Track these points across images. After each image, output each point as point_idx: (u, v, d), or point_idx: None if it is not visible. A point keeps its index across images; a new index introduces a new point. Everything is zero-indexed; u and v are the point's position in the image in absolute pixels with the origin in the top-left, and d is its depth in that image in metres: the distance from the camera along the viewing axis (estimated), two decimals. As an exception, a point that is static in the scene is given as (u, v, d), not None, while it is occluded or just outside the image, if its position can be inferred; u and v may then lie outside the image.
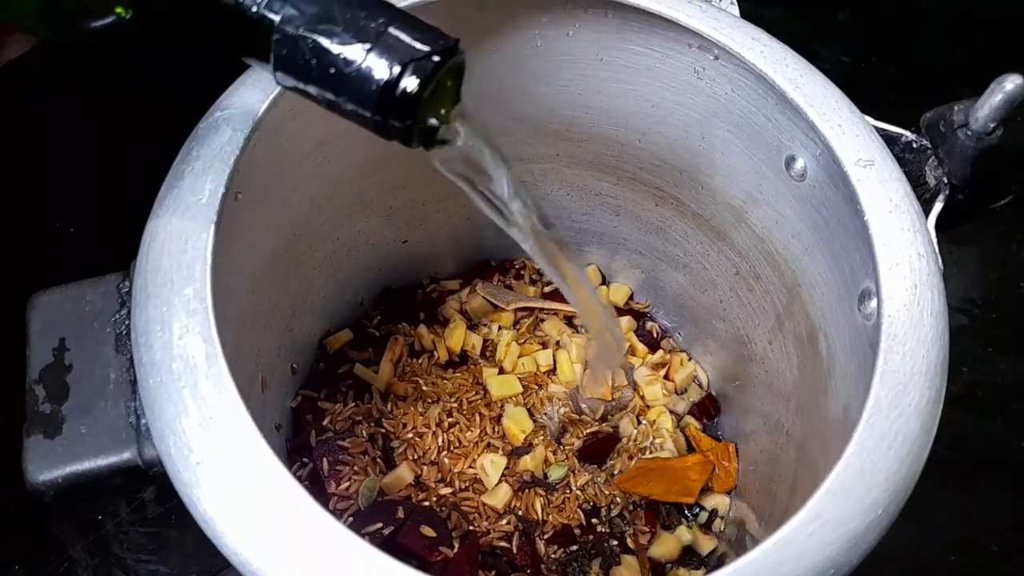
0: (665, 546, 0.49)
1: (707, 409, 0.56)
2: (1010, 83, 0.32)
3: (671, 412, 0.55)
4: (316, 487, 0.49)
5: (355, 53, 0.26)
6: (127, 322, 0.31)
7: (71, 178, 0.68)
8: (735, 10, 0.71)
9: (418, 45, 0.27)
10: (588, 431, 0.53)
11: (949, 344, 0.31)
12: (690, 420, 0.55)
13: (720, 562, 0.50)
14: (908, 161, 0.37)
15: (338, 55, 0.27)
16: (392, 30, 0.27)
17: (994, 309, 0.69)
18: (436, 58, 0.27)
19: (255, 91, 0.36)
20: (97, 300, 0.33)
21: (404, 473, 0.49)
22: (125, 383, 0.31)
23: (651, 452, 0.53)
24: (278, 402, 0.50)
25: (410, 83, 0.26)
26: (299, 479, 0.49)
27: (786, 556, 0.26)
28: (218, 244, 0.32)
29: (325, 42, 0.27)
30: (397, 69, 0.26)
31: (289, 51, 0.27)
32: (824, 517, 0.26)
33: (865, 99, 0.44)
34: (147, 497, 0.57)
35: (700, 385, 0.57)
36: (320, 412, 0.51)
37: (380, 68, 0.26)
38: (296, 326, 0.51)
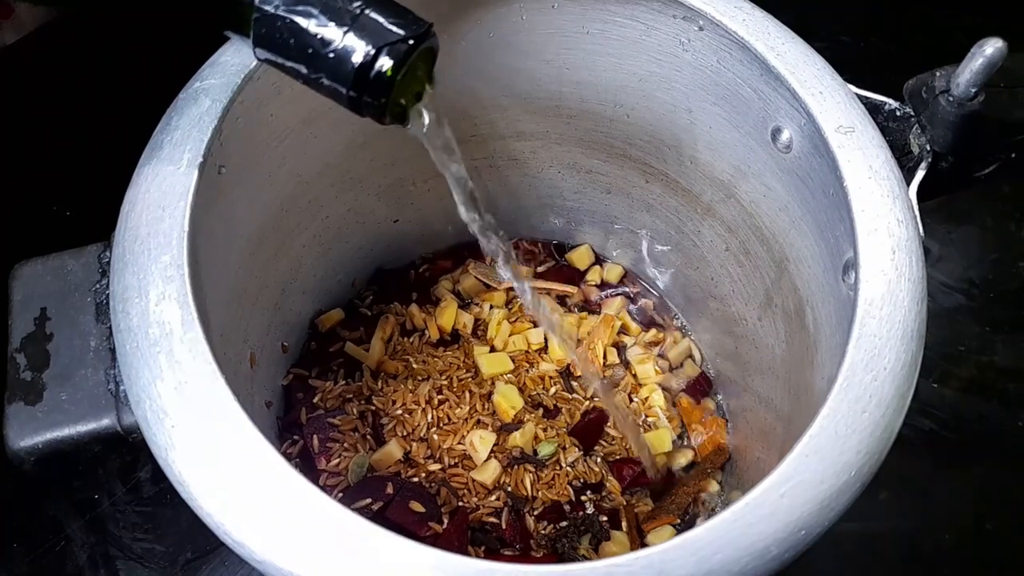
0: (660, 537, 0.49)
1: (700, 387, 0.56)
2: (990, 47, 0.31)
3: (664, 389, 0.55)
4: (307, 464, 0.49)
5: (332, 34, 0.27)
6: (107, 291, 0.31)
7: (66, 161, 0.69)
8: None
9: (394, 29, 0.27)
10: (581, 409, 0.53)
11: (927, 311, 0.30)
12: (683, 396, 0.55)
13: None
14: (892, 129, 0.36)
15: (316, 36, 0.27)
16: (368, 12, 0.27)
17: (993, 289, 0.69)
18: (410, 42, 0.27)
19: (235, 63, 0.36)
20: (78, 270, 0.33)
21: (393, 449, 0.49)
22: (105, 351, 0.31)
23: (644, 431, 0.53)
24: (269, 380, 0.50)
25: (384, 64, 0.27)
26: (290, 456, 0.50)
27: (758, 516, 0.26)
28: (198, 215, 0.33)
29: (303, 23, 0.27)
30: (372, 52, 0.27)
31: (268, 30, 0.27)
32: (796, 479, 0.26)
33: (864, 78, 0.43)
34: (142, 477, 0.58)
35: (694, 362, 0.57)
36: (311, 390, 0.52)
37: (356, 50, 0.27)
38: (286, 305, 0.51)
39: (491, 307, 0.57)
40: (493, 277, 0.58)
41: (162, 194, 0.31)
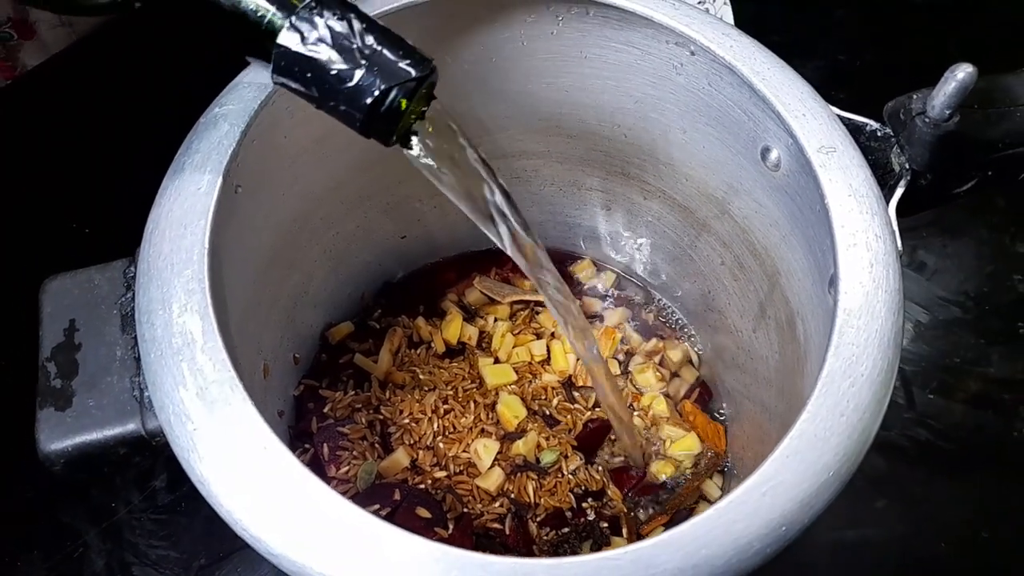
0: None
1: (699, 394, 0.57)
2: (961, 72, 0.33)
3: (666, 397, 0.56)
4: (317, 471, 0.50)
5: (348, 72, 0.30)
6: (132, 304, 0.33)
7: (85, 181, 0.71)
8: (728, 11, 0.73)
9: (404, 67, 0.30)
10: (583, 419, 0.55)
11: (903, 320, 0.32)
12: (686, 402, 0.57)
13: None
14: (874, 149, 0.38)
15: (332, 72, 0.30)
16: (382, 52, 0.30)
17: (988, 301, 0.70)
18: (419, 79, 0.30)
19: (252, 89, 0.38)
20: (104, 284, 0.35)
21: (401, 457, 0.51)
22: (130, 360, 0.34)
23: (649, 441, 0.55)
24: (281, 390, 0.52)
25: (396, 101, 0.30)
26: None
27: (741, 514, 0.27)
28: (217, 232, 0.35)
29: (321, 60, 0.30)
30: (385, 89, 0.30)
31: (287, 63, 0.30)
32: (777, 479, 0.28)
33: (860, 96, 0.45)
34: (158, 486, 0.59)
35: (693, 370, 0.58)
36: (321, 400, 0.54)
37: (371, 87, 0.30)
38: (298, 318, 0.53)
39: (495, 320, 0.59)
40: (497, 291, 0.60)
41: (184, 213, 0.33)
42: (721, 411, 0.57)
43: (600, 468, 0.53)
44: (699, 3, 0.75)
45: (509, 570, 0.26)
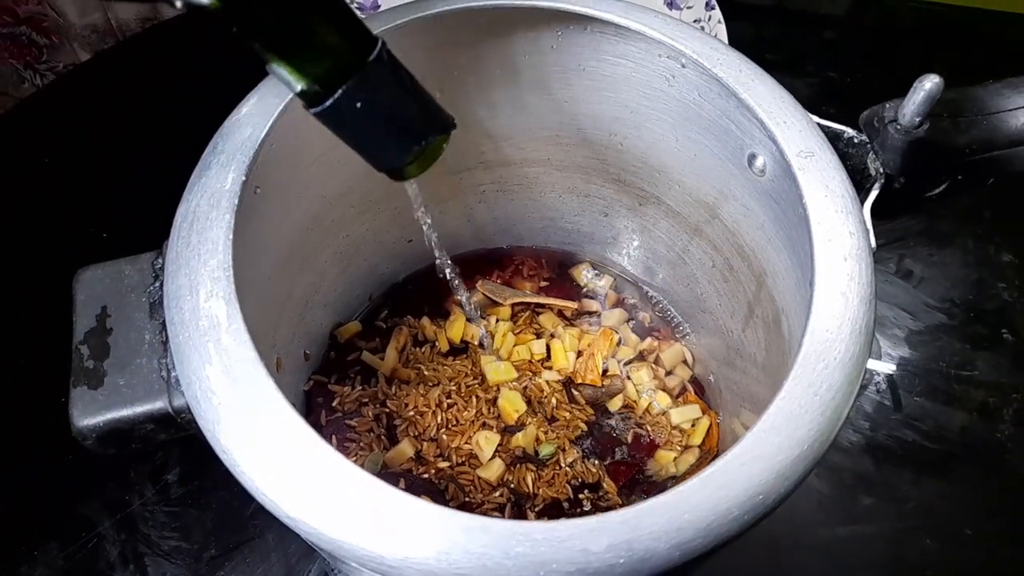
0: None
1: (695, 391, 0.59)
2: (928, 82, 0.36)
3: (665, 391, 0.59)
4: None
5: (391, 137, 0.33)
6: (160, 292, 0.36)
7: (102, 191, 0.75)
8: (722, 29, 0.76)
9: (440, 126, 0.34)
10: (582, 416, 0.57)
11: (874, 310, 0.35)
12: (689, 394, 0.59)
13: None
14: (852, 155, 0.41)
15: (378, 133, 0.33)
16: (427, 111, 0.34)
17: (972, 308, 0.73)
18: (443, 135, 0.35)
19: (271, 97, 0.41)
20: (134, 274, 0.38)
21: (405, 448, 0.53)
22: (158, 343, 0.36)
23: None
24: (293, 385, 0.55)
25: (421, 158, 0.35)
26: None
27: (721, 483, 0.30)
28: (238, 227, 0.37)
29: (372, 123, 0.33)
30: (425, 144, 0.34)
31: (337, 108, 0.32)
32: (755, 451, 0.30)
33: (849, 111, 0.48)
34: (171, 480, 0.62)
35: (687, 368, 0.61)
36: (330, 395, 0.56)
37: (406, 149, 0.34)
38: (309, 316, 0.55)
39: (497, 320, 0.61)
40: (499, 293, 0.63)
41: (210, 207, 0.36)
42: (715, 405, 0.59)
43: (596, 462, 0.56)
44: (695, 21, 0.78)
45: (507, 531, 0.28)
